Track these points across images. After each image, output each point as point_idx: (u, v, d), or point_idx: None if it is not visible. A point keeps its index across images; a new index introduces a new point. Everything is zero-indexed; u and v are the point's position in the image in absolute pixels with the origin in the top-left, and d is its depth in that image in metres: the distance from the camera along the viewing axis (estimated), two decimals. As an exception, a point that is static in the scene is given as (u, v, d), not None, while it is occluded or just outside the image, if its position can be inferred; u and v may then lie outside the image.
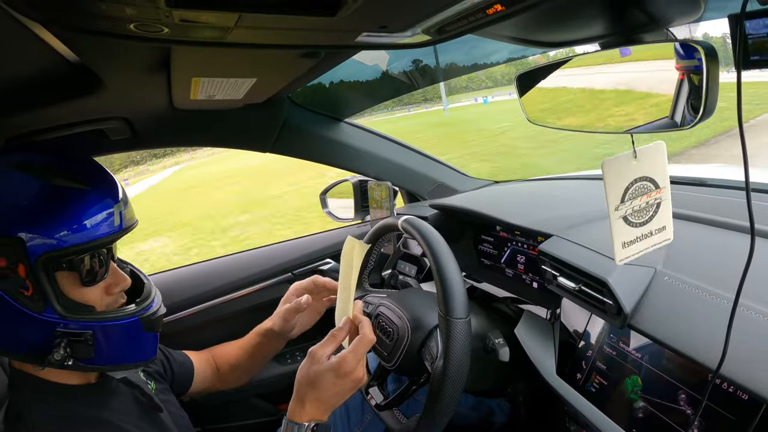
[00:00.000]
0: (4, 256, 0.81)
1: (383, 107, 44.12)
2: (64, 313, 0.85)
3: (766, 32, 0.55)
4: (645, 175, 0.75)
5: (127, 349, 0.94)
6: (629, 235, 0.76)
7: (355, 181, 1.90)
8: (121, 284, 0.95)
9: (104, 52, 0.79)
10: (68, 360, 0.85)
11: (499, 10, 0.62)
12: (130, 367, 0.98)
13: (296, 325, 1.32)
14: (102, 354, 0.89)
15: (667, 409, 0.87)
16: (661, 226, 0.79)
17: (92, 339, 0.87)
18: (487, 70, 2.83)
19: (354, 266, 1.11)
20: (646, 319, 0.94)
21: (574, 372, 1.09)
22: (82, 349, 0.87)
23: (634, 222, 0.76)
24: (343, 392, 1.01)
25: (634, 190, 0.74)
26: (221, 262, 1.89)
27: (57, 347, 0.84)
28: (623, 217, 0.75)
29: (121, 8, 0.52)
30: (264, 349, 1.35)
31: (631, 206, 0.75)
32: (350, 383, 1.00)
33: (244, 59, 0.91)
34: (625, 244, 0.76)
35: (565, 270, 1.10)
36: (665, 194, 0.78)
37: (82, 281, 0.88)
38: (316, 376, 0.99)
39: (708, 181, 1.43)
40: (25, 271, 0.82)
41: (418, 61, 1.67)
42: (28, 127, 1.14)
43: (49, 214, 0.83)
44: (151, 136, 1.47)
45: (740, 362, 0.74)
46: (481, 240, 1.66)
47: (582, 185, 1.72)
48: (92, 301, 0.90)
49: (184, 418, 1.15)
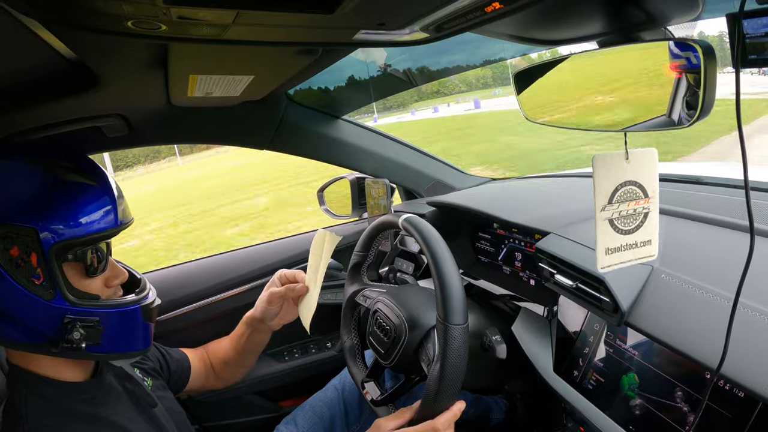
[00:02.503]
0: (17, 245, 0.84)
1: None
2: (74, 300, 0.89)
3: (764, 31, 0.55)
4: (635, 180, 0.74)
5: (128, 337, 0.98)
6: (614, 241, 0.75)
7: (352, 178, 1.90)
8: (119, 277, 0.99)
9: (102, 49, 0.79)
10: (82, 342, 0.88)
11: (498, 8, 0.62)
12: (131, 355, 1.00)
13: (279, 314, 1.31)
14: (107, 341, 0.93)
15: (663, 406, 0.87)
16: (647, 239, 0.77)
17: (100, 325, 0.91)
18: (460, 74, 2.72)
19: (323, 257, 1.14)
20: (643, 317, 0.94)
21: (571, 369, 1.09)
22: (92, 334, 0.90)
23: (620, 228, 0.75)
24: None
25: (622, 193, 0.73)
26: (212, 261, 1.89)
27: (72, 330, 0.88)
28: (609, 219, 0.74)
29: (118, 5, 0.52)
30: (249, 340, 1.34)
31: (618, 210, 0.74)
32: None
33: (242, 56, 0.91)
34: (609, 250, 0.75)
35: (562, 267, 1.11)
36: (653, 205, 0.76)
37: (86, 272, 0.92)
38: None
39: (705, 179, 1.43)
40: (37, 260, 0.85)
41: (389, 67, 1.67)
42: (24, 124, 1.14)
43: (60, 206, 0.87)
44: (148, 134, 1.46)
45: (738, 361, 0.74)
46: (479, 237, 1.66)
47: (578, 183, 1.73)
48: (96, 291, 0.94)
49: (180, 415, 1.15)
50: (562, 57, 0.85)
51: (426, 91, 52.15)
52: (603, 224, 0.74)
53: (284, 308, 1.31)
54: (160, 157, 49.54)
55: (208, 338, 1.45)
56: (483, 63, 1.76)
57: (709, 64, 0.63)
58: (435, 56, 1.72)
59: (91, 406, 0.93)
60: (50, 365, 0.92)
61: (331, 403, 1.46)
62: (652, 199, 0.76)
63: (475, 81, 60.74)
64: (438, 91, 57.48)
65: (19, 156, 0.90)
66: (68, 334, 0.87)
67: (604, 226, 0.74)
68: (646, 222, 0.77)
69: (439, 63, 1.76)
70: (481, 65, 1.76)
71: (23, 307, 0.86)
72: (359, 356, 1.33)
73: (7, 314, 0.86)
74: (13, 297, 0.85)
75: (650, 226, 0.77)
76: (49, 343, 0.88)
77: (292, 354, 1.78)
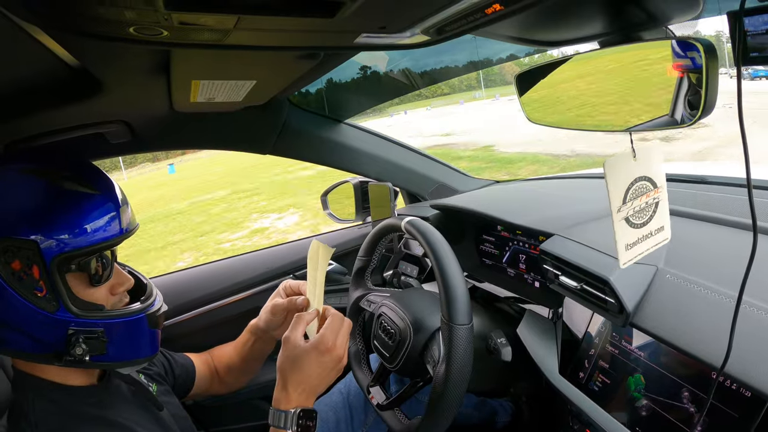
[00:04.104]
0: (19, 259, 0.83)
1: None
2: (77, 312, 0.88)
3: (764, 29, 0.55)
4: (644, 175, 0.75)
5: (134, 345, 0.97)
6: (631, 236, 0.76)
7: (355, 182, 1.90)
8: (125, 284, 0.98)
9: (104, 55, 0.79)
10: (85, 356, 0.88)
11: (498, 9, 0.62)
12: (138, 362, 0.99)
13: (282, 324, 1.30)
14: (112, 350, 0.92)
15: (670, 407, 0.87)
16: (660, 225, 0.80)
17: (104, 336, 0.90)
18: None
19: (319, 267, 1.13)
20: (649, 318, 0.94)
21: (577, 371, 1.08)
22: (96, 345, 0.89)
23: (635, 223, 0.76)
24: (326, 373, 1.01)
25: (634, 190, 0.75)
26: (217, 266, 1.89)
27: (75, 344, 0.87)
28: (625, 218, 0.75)
29: (120, 12, 0.52)
30: (253, 348, 1.34)
31: (632, 207, 0.75)
32: (331, 362, 1.00)
33: (244, 61, 0.91)
34: (628, 246, 0.76)
35: (566, 269, 1.10)
36: (662, 194, 0.78)
37: (90, 282, 0.91)
38: (296, 358, 1.00)
39: (708, 178, 1.42)
40: (39, 272, 0.84)
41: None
42: (27, 131, 1.14)
43: (61, 217, 0.86)
44: (151, 139, 1.47)
45: (744, 360, 0.74)
46: (483, 240, 1.66)
47: (582, 184, 1.73)
48: (100, 300, 0.93)
49: (186, 420, 1.15)
50: (562, 58, 0.85)
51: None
52: (620, 224, 0.75)
53: (288, 318, 1.30)
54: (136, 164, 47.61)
55: (213, 343, 1.45)
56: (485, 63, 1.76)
57: (710, 62, 0.63)
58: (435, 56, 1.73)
59: (98, 409, 0.93)
60: (57, 371, 0.91)
61: (337, 407, 1.46)
62: (660, 188, 0.78)
63: (458, 83, 59.95)
64: (419, 94, 56.10)
65: (18, 165, 0.88)
66: (71, 348, 0.87)
67: (622, 225, 0.75)
68: (658, 210, 0.79)
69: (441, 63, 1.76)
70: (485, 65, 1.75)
71: (27, 319, 0.85)
72: (364, 361, 1.33)
73: (12, 326, 0.85)
74: (16, 310, 0.84)
75: (662, 212, 0.80)
76: (54, 356, 0.87)
77: None
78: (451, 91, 59.84)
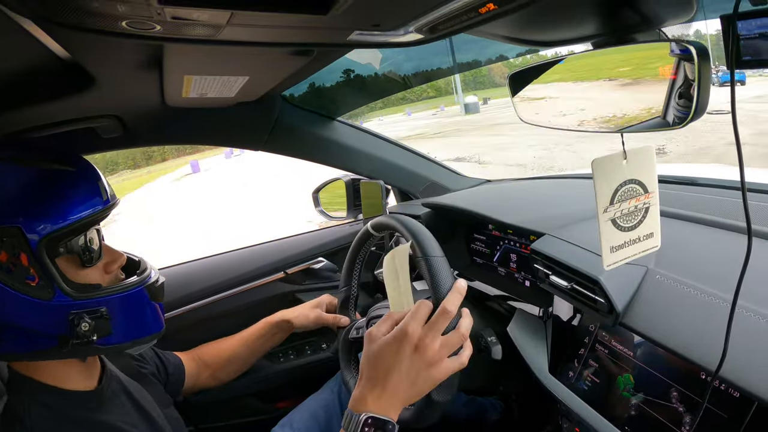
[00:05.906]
0: (4, 249, 0.80)
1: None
2: (74, 294, 0.85)
3: (757, 33, 0.55)
4: (634, 178, 0.75)
5: (139, 322, 0.95)
6: (617, 239, 0.76)
7: (347, 180, 1.90)
8: (118, 261, 0.96)
9: (96, 49, 0.79)
10: (92, 335, 0.86)
11: (492, 9, 0.62)
12: (146, 340, 0.97)
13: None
14: (118, 330, 0.90)
15: (659, 407, 0.88)
16: (649, 232, 0.79)
17: (108, 314, 0.88)
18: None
19: (400, 275, 1.03)
20: (639, 318, 0.94)
21: (567, 370, 1.09)
22: (101, 325, 0.87)
23: (623, 226, 0.76)
24: (413, 372, 0.85)
25: (623, 192, 0.75)
26: (212, 261, 1.88)
27: (79, 323, 0.85)
28: (612, 219, 0.75)
29: (113, 5, 0.52)
30: (272, 340, 1.42)
31: (620, 209, 0.75)
32: (420, 360, 0.85)
33: (237, 57, 0.90)
34: (614, 248, 0.76)
35: (557, 268, 1.11)
36: (653, 199, 0.78)
37: (82, 262, 0.89)
38: (376, 355, 0.88)
39: (701, 180, 1.43)
40: (27, 259, 0.81)
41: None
42: (17, 125, 1.13)
43: (41, 198, 0.83)
44: (143, 134, 1.46)
45: (735, 361, 0.74)
46: (474, 239, 1.66)
47: (573, 184, 1.73)
48: (95, 280, 0.91)
49: (178, 421, 1.15)
50: (555, 59, 0.85)
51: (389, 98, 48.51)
52: (606, 225, 0.75)
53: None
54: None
55: (209, 337, 1.45)
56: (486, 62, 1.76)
57: (703, 64, 0.63)
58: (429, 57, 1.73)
59: (94, 413, 0.92)
60: (55, 373, 0.89)
61: (327, 404, 1.46)
62: (652, 193, 0.77)
63: (445, 85, 58.94)
64: (404, 97, 53.92)
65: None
66: (76, 328, 0.84)
67: (607, 226, 0.75)
68: (648, 216, 0.78)
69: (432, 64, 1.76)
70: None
71: (24, 313, 0.82)
72: (354, 363, 1.33)
73: (8, 324, 0.82)
74: (10, 305, 0.81)
75: (652, 219, 0.79)
76: (58, 345, 0.85)
77: (287, 356, 1.77)
78: (437, 94, 59.24)
